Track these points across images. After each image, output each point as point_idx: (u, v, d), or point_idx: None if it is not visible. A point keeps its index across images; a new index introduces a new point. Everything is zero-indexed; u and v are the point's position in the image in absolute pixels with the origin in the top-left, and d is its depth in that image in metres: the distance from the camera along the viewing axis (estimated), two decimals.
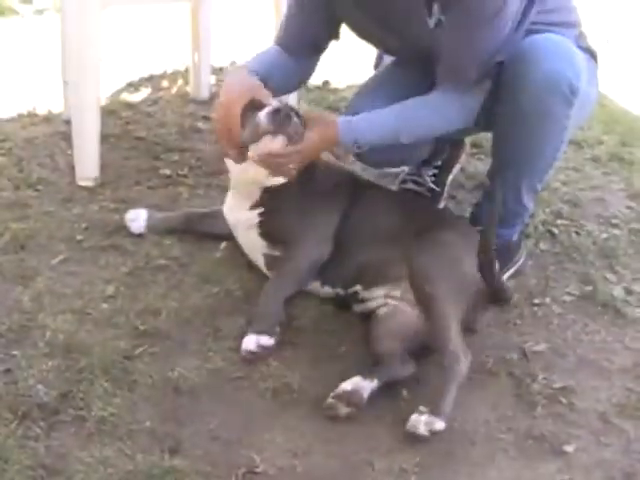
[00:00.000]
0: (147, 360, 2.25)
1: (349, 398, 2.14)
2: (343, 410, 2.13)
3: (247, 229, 2.55)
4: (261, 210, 2.51)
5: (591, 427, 2.18)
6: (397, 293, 2.36)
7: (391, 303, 2.37)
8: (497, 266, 2.31)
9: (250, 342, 2.30)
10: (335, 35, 2.61)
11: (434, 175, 3.07)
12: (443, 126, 2.50)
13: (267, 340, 2.31)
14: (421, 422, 2.07)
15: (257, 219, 2.52)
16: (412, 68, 2.60)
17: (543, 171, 2.60)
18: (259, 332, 2.32)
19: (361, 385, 2.16)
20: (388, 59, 2.83)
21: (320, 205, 2.50)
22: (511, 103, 2.42)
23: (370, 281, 2.43)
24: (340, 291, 2.49)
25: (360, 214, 2.51)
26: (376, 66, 2.98)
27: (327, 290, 2.51)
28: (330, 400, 2.14)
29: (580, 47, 2.50)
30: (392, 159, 2.74)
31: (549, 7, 2.46)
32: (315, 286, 2.51)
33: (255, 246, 2.56)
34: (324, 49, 2.65)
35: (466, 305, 2.28)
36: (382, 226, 2.48)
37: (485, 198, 2.76)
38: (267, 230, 2.52)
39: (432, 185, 3.05)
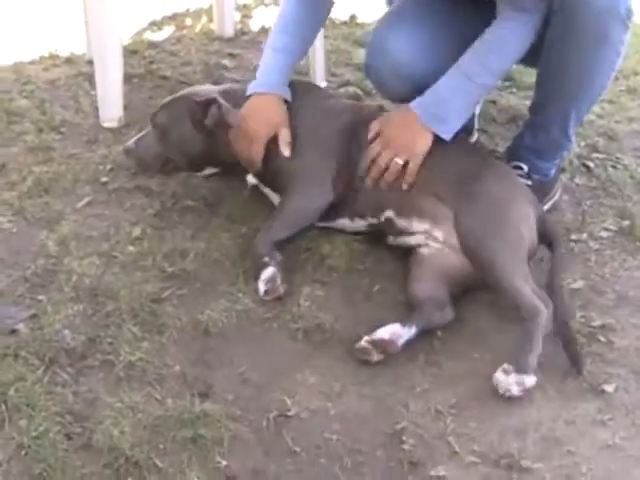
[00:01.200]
0: (175, 303, 2.22)
1: (385, 347, 2.08)
2: (376, 357, 2.08)
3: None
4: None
5: (631, 366, 2.13)
6: (439, 235, 2.27)
7: (433, 245, 2.29)
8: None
9: (260, 285, 2.27)
10: None
11: None
12: (519, 54, 2.38)
13: (268, 273, 2.27)
14: (512, 383, 2.00)
15: (255, 179, 2.56)
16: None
17: (593, 100, 2.53)
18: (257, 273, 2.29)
19: (398, 333, 2.10)
20: None
21: (314, 149, 2.44)
22: (567, 27, 2.30)
23: (402, 208, 2.34)
24: (373, 220, 2.41)
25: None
26: (390, 2, 2.87)
27: (359, 223, 2.44)
28: (364, 344, 2.08)
29: None
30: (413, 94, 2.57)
31: None
32: (344, 223, 2.46)
33: (273, 196, 2.53)
34: None
35: (527, 256, 2.20)
36: None
37: (527, 131, 2.64)
38: (269, 184, 2.52)
39: None
